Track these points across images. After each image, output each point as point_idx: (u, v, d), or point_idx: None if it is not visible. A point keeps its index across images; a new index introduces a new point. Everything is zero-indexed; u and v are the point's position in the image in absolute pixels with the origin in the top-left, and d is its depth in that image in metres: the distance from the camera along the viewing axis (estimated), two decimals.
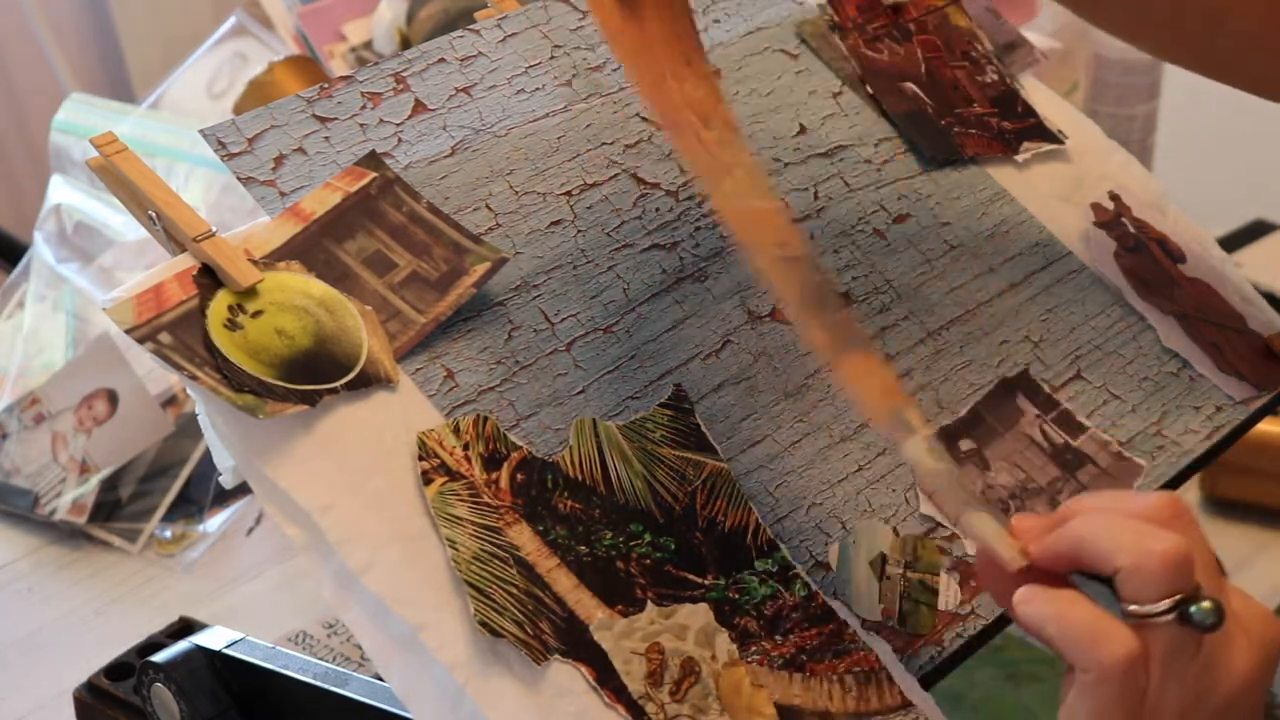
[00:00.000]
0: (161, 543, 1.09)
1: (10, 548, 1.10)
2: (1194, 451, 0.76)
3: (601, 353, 0.67)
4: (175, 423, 1.14)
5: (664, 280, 0.70)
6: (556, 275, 0.68)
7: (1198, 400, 0.78)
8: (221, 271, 0.62)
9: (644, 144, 0.74)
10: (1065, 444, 0.73)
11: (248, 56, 1.32)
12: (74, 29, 2.30)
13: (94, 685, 0.83)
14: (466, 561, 0.59)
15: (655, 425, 0.66)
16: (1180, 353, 0.79)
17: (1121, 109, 1.38)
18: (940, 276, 0.77)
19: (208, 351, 0.60)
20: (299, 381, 0.60)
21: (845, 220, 0.76)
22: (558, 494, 0.62)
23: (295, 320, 0.62)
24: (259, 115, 0.68)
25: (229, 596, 1.04)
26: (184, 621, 0.85)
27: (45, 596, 1.05)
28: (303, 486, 0.59)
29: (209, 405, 0.60)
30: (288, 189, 0.66)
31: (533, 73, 0.74)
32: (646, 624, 0.60)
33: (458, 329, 0.65)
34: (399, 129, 0.70)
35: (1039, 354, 0.76)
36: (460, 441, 0.62)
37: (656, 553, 0.62)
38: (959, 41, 0.87)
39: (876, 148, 0.80)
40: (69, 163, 1.29)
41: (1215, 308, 0.82)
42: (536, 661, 0.58)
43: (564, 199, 0.71)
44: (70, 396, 1.15)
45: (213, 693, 0.76)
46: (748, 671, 0.61)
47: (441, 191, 0.69)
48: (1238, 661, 0.52)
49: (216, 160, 0.66)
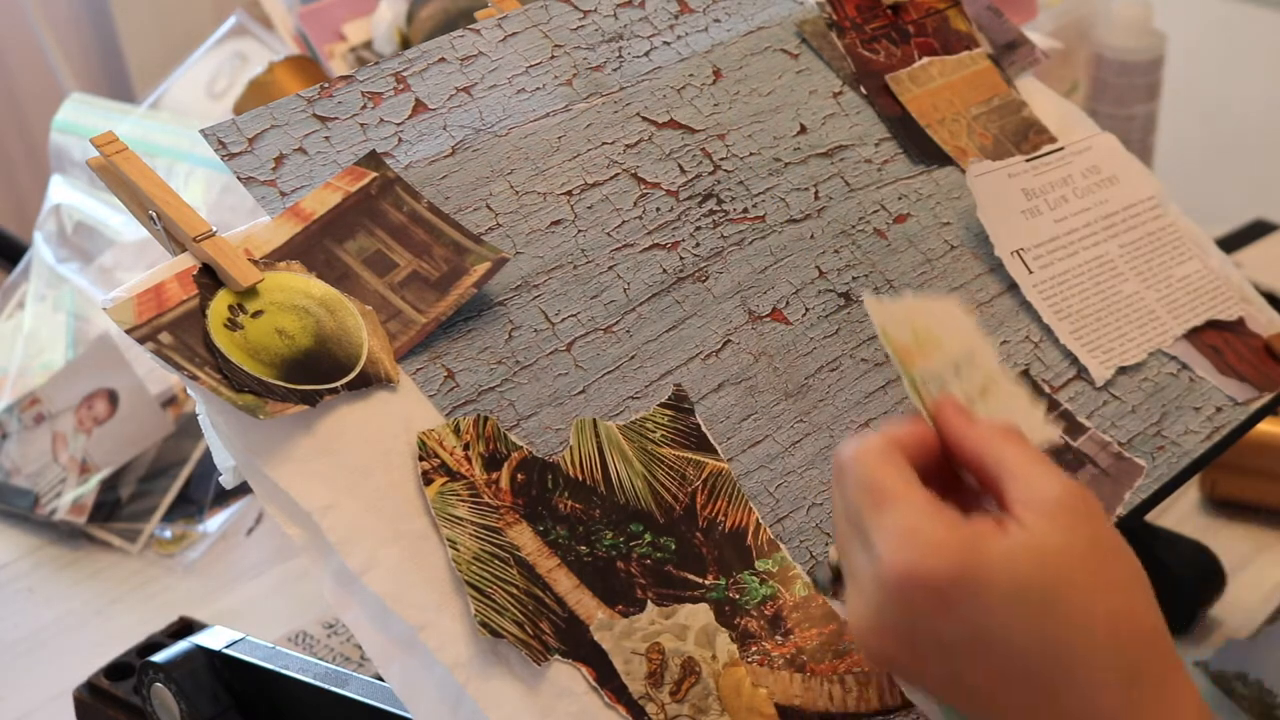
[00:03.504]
0: (161, 543, 1.09)
1: (10, 548, 1.10)
2: (1194, 452, 0.76)
3: (602, 353, 0.67)
4: (175, 423, 1.14)
5: (664, 280, 0.70)
6: (557, 275, 0.68)
7: (1198, 401, 0.78)
8: (222, 271, 0.62)
9: (644, 144, 0.74)
10: (1065, 444, 0.73)
11: (248, 56, 1.32)
12: (74, 29, 2.30)
13: (94, 685, 0.83)
14: (467, 562, 0.59)
15: (656, 425, 0.66)
16: (1179, 357, 0.79)
17: (1121, 109, 1.38)
18: (940, 276, 0.77)
19: (208, 351, 0.60)
20: (299, 381, 0.60)
21: (846, 220, 0.76)
22: (558, 494, 0.62)
23: (295, 320, 0.62)
24: (259, 115, 0.68)
25: (229, 596, 1.04)
26: (184, 621, 0.85)
27: (45, 596, 1.05)
28: (303, 486, 0.59)
29: (209, 405, 0.60)
30: (288, 189, 0.66)
31: (533, 72, 0.74)
32: (647, 624, 0.60)
33: (458, 329, 0.65)
34: (399, 129, 0.70)
35: (1039, 354, 0.76)
36: (460, 441, 0.62)
37: (657, 553, 0.62)
38: (957, 45, 0.87)
39: (877, 147, 0.80)
40: (69, 163, 1.29)
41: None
42: (537, 662, 0.58)
43: (564, 199, 0.71)
44: (70, 396, 1.15)
45: (213, 693, 0.76)
46: (748, 672, 0.61)
47: (442, 191, 0.69)
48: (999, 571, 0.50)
49: (217, 160, 0.66)
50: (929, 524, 0.50)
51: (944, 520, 0.50)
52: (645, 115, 0.75)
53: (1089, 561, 0.50)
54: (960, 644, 0.50)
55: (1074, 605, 0.49)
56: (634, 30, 0.78)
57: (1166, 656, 0.51)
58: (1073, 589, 0.50)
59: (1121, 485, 0.73)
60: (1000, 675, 0.50)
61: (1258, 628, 0.91)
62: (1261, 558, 0.99)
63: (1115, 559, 0.51)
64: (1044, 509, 0.50)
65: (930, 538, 0.50)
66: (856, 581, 0.52)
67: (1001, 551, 0.49)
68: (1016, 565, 0.49)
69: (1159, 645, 0.51)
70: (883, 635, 0.51)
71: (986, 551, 0.49)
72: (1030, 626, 0.49)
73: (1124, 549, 0.52)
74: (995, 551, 0.49)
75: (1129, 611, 0.51)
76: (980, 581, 0.49)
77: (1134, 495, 0.72)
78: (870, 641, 0.52)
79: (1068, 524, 0.50)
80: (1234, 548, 0.98)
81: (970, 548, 0.49)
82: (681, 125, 0.75)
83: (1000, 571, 0.49)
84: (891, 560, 0.50)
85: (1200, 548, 0.94)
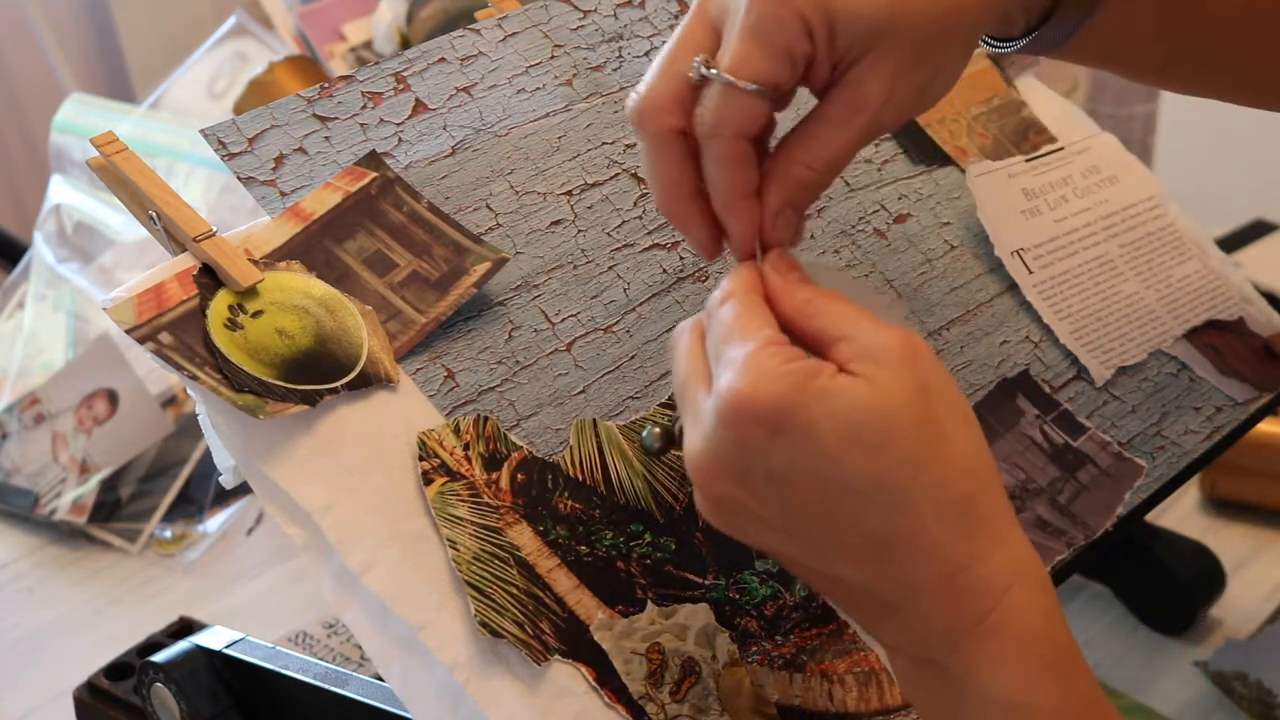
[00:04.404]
0: (161, 543, 1.09)
1: (10, 548, 1.10)
2: (1194, 452, 0.76)
3: (602, 353, 0.67)
4: (175, 423, 1.14)
5: (664, 280, 0.70)
6: (557, 275, 0.68)
7: (1197, 401, 0.78)
8: (222, 271, 0.62)
9: None
10: (1065, 444, 0.73)
11: (248, 56, 1.32)
12: (74, 29, 2.30)
13: (94, 685, 0.83)
14: (467, 562, 0.59)
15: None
16: (1179, 357, 0.79)
17: (1121, 109, 1.38)
18: (940, 276, 0.77)
19: (208, 351, 0.60)
20: (299, 381, 0.60)
21: (846, 220, 0.76)
22: (558, 494, 0.62)
23: (296, 320, 0.62)
24: (259, 115, 0.68)
25: (229, 596, 1.04)
26: (184, 621, 0.85)
27: (45, 596, 1.05)
28: (303, 486, 0.59)
29: (209, 405, 0.60)
30: (288, 189, 0.66)
31: (533, 72, 0.74)
32: (647, 624, 0.60)
33: (458, 329, 0.65)
34: (399, 129, 0.70)
35: (1039, 354, 0.76)
36: (460, 441, 0.62)
37: (657, 553, 0.62)
38: None
39: (877, 147, 0.80)
40: (69, 163, 1.29)
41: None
42: (537, 662, 0.58)
43: (564, 199, 0.71)
44: (70, 396, 1.15)
45: (213, 693, 0.76)
46: (748, 672, 0.61)
47: (442, 191, 0.69)
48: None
49: (217, 160, 0.66)
50: (767, 356, 0.51)
51: (784, 354, 0.51)
52: None
53: (920, 404, 0.51)
54: (792, 476, 0.50)
55: (905, 444, 0.50)
56: (634, 30, 0.78)
57: (995, 496, 0.52)
58: (904, 429, 0.50)
59: (1121, 485, 0.73)
60: (830, 510, 0.50)
61: (1258, 628, 0.91)
62: (1261, 558, 0.99)
63: (945, 403, 0.52)
64: (876, 357, 0.51)
65: (765, 368, 0.50)
66: (696, 417, 0.53)
67: (836, 388, 0.50)
68: (850, 403, 0.50)
69: (986, 484, 0.52)
70: (715, 465, 0.52)
71: (821, 387, 0.50)
72: (861, 463, 0.50)
73: (953, 392, 0.52)
74: (831, 388, 0.50)
75: (960, 451, 0.51)
76: (812, 413, 0.50)
77: (1134, 495, 0.72)
78: (704, 476, 0.52)
79: (899, 369, 0.51)
80: (1234, 548, 0.98)
81: (805, 379, 0.50)
82: None
83: (835, 407, 0.50)
84: (727, 388, 0.50)
85: (1200, 548, 0.94)
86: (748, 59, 0.55)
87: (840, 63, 0.56)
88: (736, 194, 0.57)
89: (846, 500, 0.50)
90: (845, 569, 0.52)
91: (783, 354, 0.51)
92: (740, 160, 0.56)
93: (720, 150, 0.56)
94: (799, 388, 0.50)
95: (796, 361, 0.50)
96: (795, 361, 0.50)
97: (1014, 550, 0.51)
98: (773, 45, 0.54)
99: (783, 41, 0.54)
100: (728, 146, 0.56)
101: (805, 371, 0.50)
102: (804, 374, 0.50)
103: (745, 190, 0.57)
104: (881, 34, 0.55)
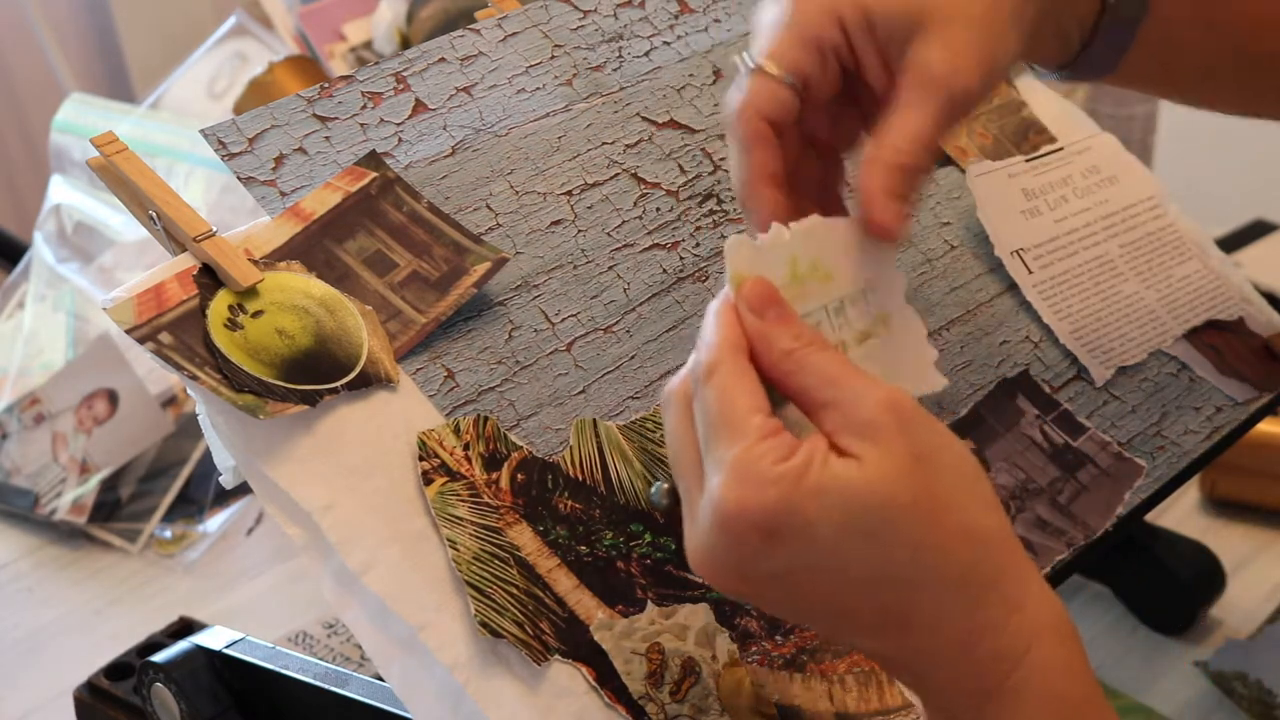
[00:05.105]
0: (161, 543, 1.09)
1: (10, 548, 1.10)
2: (1194, 452, 0.76)
3: (602, 353, 0.67)
4: (175, 423, 1.14)
5: (664, 280, 0.70)
6: (557, 275, 0.68)
7: (1197, 401, 0.78)
8: (222, 271, 0.62)
9: (644, 144, 0.74)
10: (1065, 444, 0.73)
11: (248, 56, 1.32)
12: (74, 29, 2.30)
13: (94, 685, 0.83)
14: (467, 562, 0.59)
15: (655, 425, 0.65)
16: (1179, 357, 0.79)
17: (1121, 109, 1.38)
18: (940, 276, 0.77)
19: (208, 351, 0.60)
20: (299, 381, 0.60)
21: None
22: (558, 494, 0.62)
23: (295, 320, 0.62)
24: (259, 115, 0.68)
25: (229, 596, 1.04)
26: (184, 621, 0.85)
27: (45, 596, 1.05)
28: (303, 486, 0.59)
29: (209, 405, 0.60)
30: (288, 189, 0.66)
31: (533, 72, 0.74)
32: (647, 624, 0.60)
33: (458, 329, 0.65)
34: (399, 129, 0.70)
35: (1039, 354, 0.76)
36: (460, 441, 0.62)
37: (657, 553, 0.62)
38: None
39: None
40: (69, 163, 1.29)
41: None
42: (537, 662, 0.58)
43: (564, 199, 0.71)
44: (70, 396, 1.15)
45: (213, 693, 0.76)
46: (748, 672, 0.61)
47: (442, 191, 0.69)
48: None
49: (217, 160, 0.66)
50: (758, 458, 0.50)
51: (774, 453, 0.50)
52: (645, 115, 0.75)
53: (914, 478, 0.50)
54: (793, 572, 0.50)
55: (901, 525, 0.50)
56: (634, 30, 0.78)
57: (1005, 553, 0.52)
58: (900, 508, 0.50)
59: (1121, 485, 0.73)
60: (837, 597, 0.51)
61: (1258, 628, 0.91)
62: (1261, 558, 0.99)
63: (937, 469, 0.51)
64: (864, 432, 0.50)
65: (756, 472, 0.50)
66: (692, 510, 0.52)
67: (829, 481, 0.50)
68: (844, 494, 0.49)
69: (993, 545, 0.51)
70: (715, 565, 0.51)
71: (813, 484, 0.50)
72: (860, 551, 0.50)
73: (948, 451, 0.52)
74: (824, 483, 0.50)
75: (958, 520, 0.51)
76: (808, 514, 0.49)
77: (1134, 495, 0.72)
78: (706, 573, 0.52)
79: (890, 442, 0.50)
80: (1234, 548, 0.98)
81: (797, 480, 0.49)
82: (681, 125, 0.75)
83: (829, 502, 0.49)
84: (723, 496, 0.50)
85: (1200, 548, 0.94)
86: (777, 47, 0.58)
87: (887, 51, 0.58)
88: (755, 175, 0.58)
89: (851, 588, 0.50)
90: (862, 643, 0.53)
91: (773, 453, 0.50)
92: (760, 140, 0.58)
93: (742, 130, 0.58)
94: (792, 490, 0.49)
95: (787, 462, 0.50)
96: (786, 462, 0.50)
97: (1031, 610, 0.51)
98: (802, 35, 0.58)
99: (812, 31, 0.58)
100: (750, 125, 0.58)
101: (796, 473, 0.49)
102: (795, 476, 0.49)
103: (764, 173, 0.58)
104: (921, 13, 0.57)
